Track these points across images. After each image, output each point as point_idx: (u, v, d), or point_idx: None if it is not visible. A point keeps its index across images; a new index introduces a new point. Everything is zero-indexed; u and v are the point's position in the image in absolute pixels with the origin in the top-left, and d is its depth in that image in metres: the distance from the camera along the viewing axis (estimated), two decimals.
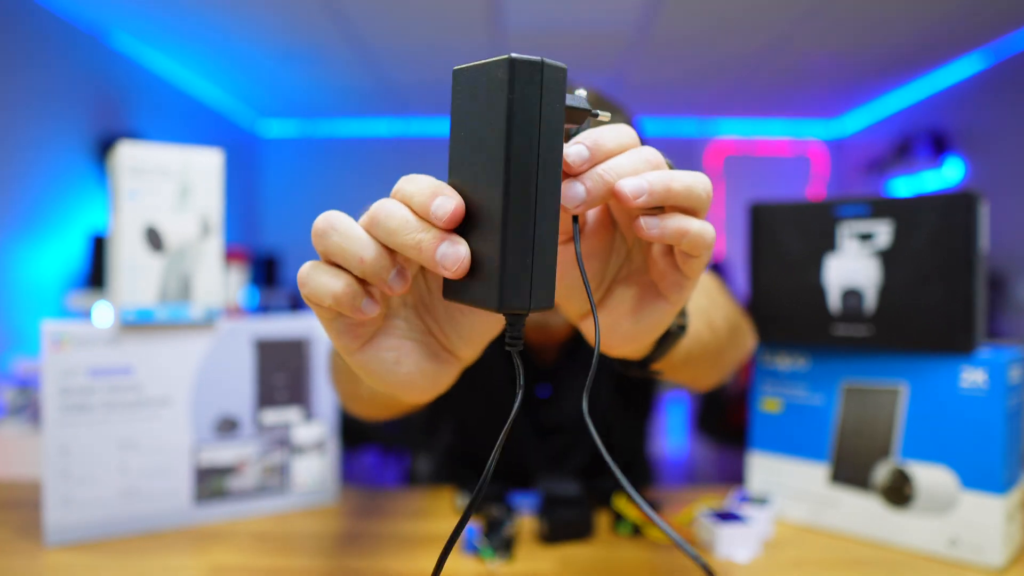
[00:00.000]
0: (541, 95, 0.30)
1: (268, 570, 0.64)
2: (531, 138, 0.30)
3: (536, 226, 0.31)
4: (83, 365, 0.70)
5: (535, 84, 0.30)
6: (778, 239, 0.76)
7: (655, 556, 0.67)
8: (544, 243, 0.31)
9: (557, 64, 0.30)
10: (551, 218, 0.31)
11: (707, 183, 0.35)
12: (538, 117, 0.30)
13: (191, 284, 0.75)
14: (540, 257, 0.31)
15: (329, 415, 0.85)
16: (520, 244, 0.30)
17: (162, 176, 0.73)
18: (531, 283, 0.31)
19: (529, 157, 0.30)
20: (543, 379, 0.98)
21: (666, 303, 0.39)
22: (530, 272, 0.31)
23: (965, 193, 0.64)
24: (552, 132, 0.30)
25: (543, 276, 0.31)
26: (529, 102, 0.30)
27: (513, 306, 0.31)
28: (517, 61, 0.29)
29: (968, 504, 0.64)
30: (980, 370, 0.64)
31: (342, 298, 0.33)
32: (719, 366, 0.66)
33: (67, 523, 0.69)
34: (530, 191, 0.30)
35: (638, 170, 0.34)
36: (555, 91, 0.30)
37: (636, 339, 0.41)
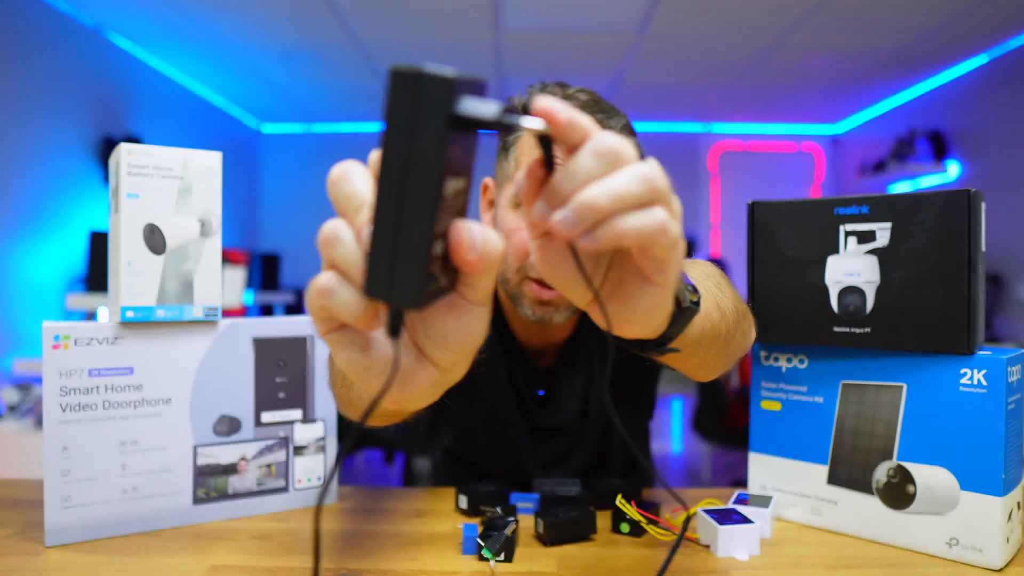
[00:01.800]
0: (417, 105, 0.31)
1: (268, 570, 0.64)
2: (400, 146, 0.31)
3: (401, 229, 0.32)
4: (83, 365, 0.70)
5: (410, 94, 0.31)
6: (777, 238, 0.76)
7: (655, 556, 0.67)
8: (409, 246, 0.32)
9: (439, 74, 0.31)
10: (418, 226, 0.32)
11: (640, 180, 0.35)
12: (410, 127, 0.31)
13: (191, 284, 0.75)
14: (403, 259, 0.32)
15: (329, 415, 0.85)
16: (383, 242, 0.32)
17: (162, 176, 0.73)
18: (392, 280, 0.33)
19: (397, 164, 0.32)
20: (541, 381, 0.98)
21: (653, 286, 0.40)
22: (391, 271, 0.33)
23: (965, 192, 0.64)
24: (427, 141, 0.31)
25: (405, 276, 0.32)
26: (403, 111, 0.31)
27: (374, 295, 0.33)
28: (393, 72, 0.31)
29: (968, 504, 0.64)
30: (980, 370, 0.64)
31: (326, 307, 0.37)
32: (727, 351, 0.66)
33: (67, 523, 0.69)
34: (395, 196, 0.32)
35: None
36: (436, 101, 0.31)
37: (638, 322, 0.42)
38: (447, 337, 0.38)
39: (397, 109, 0.32)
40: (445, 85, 0.31)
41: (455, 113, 0.32)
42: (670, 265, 0.39)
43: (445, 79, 0.31)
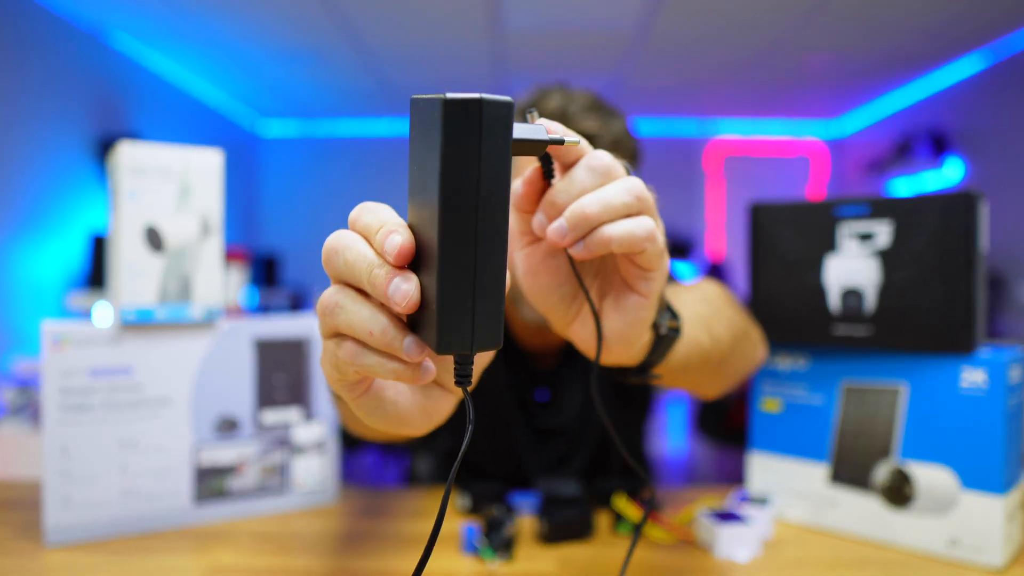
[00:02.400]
0: (481, 135, 0.29)
1: (268, 570, 0.64)
2: (469, 180, 0.29)
3: (477, 267, 0.30)
4: (83, 365, 0.70)
5: (473, 124, 0.29)
6: (778, 239, 0.76)
7: (655, 556, 0.67)
8: (487, 284, 0.30)
9: (500, 100, 0.29)
10: (496, 258, 0.30)
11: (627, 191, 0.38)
12: (477, 158, 0.29)
13: (191, 284, 0.75)
14: (483, 298, 0.30)
15: (329, 415, 0.85)
16: (460, 286, 0.30)
17: (162, 176, 0.73)
18: (473, 324, 0.30)
19: (467, 199, 0.29)
20: (542, 383, 0.98)
21: (639, 296, 0.41)
22: (471, 314, 0.30)
23: (965, 193, 0.64)
24: (494, 171, 0.30)
25: (487, 317, 0.30)
26: (466, 143, 0.29)
27: (452, 348, 0.30)
28: (449, 102, 0.29)
29: (968, 504, 0.64)
30: (980, 370, 0.64)
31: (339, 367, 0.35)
32: (722, 375, 0.67)
33: (67, 523, 0.69)
34: (469, 233, 0.29)
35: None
36: (498, 129, 0.29)
37: (623, 337, 0.43)
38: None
39: (457, 143, 0.29)
40: (506, 110, 0.29)
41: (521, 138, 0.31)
42: (655, 275, 0.40)
43: (506, 103, 0.30)
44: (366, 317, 0.32)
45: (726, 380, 0.68)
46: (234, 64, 3.72)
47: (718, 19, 3.07)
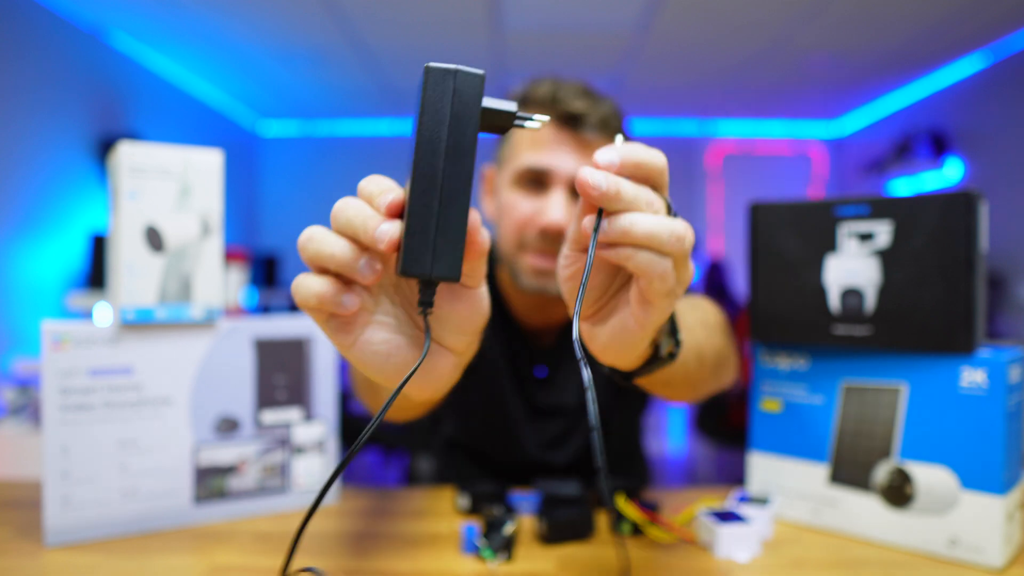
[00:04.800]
0: (453, 96, 0.36)
1: (268, 570, 0.64)
2: (438, 133, 0.36)
3: (441, 207, 0.36)
4: (83, 365, 0.70)
5: (448, 87, 0.36)
6: (778, 239, 0.76)
7: (655, 556, 0.67)
8: (450, 222, 0.36)
9: (473, 71, 0.36)
10: (458, 202, 0.36)
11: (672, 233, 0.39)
12: (447, 117, 0.35)
13: (191, 284, 0.75)
14: (444, 233, 0.36)
15: (329, 415, 0.85)
16: (423, 220, 0.36)
17: (162, 176, 0.73)
18: (433, 255, 0.36)
19: (436, 148, 0.35)
20: (540, 360, 0.98)
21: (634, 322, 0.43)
22: (432, 246, 0.36)
23: (965, 193, 0.64)
24: (462, 129, 0.36)
25: (446, 250, 0.36)
26: (440, 102, 0.36)
27: (412, 272, 0.36)
28: (430, 69, 0.35)
29: (968, 504, 0.64)
30: (980, 370, 0.64)
31: (325, 296, 0.37)
32: (696, 391, 0.73)
33: (67, 523, 0.69)
34: (436, 177, 0.35)
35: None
36: (469, 94, 0.36)
37: (612, 349, 0.45)
38: (460, 323, 0.42)
39: (434, 100, 0.36)
40: (477, 80, 0.36)
41: (483, 106, 0.37)
42: (654, 311, 0.42)
43: (477, 75, 0.36)
44: (332, 243, 0.37)
45: (696, 395, 0.74)
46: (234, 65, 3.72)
47: (718, 20, 3.07)
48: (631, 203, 0.39)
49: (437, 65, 0.35)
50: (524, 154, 0.86)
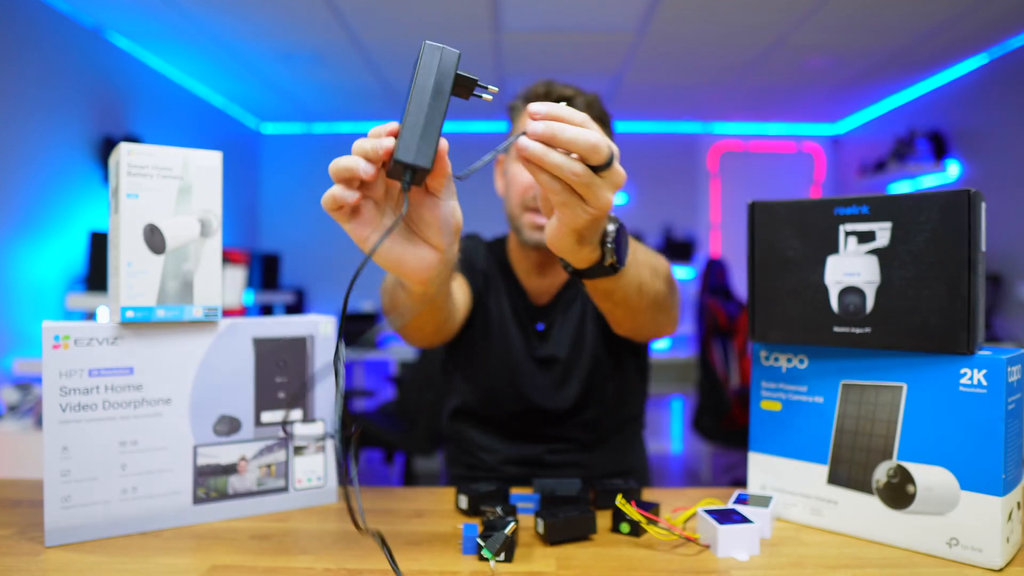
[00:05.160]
0: (439, 63, 0.55)
1: (268, 570, 0.64)
2: (427, 82, 0.54)
3: (424, 125, 0.54)
4: (83, 365, 0.70)
5: (435, 57, 0.55)
6: (777, 238, 0.76)
7: (655, 556, 0.67)
8: (428, 135, 0.54)
9: (453, 50, 0.55)
10: (435, 123, 0.54)
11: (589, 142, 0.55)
12: (435, 72, 0.55)
13: (191, 284, 0.75)
14: (424, 140, 0.54)
15: (329, 415, 0.85)
16: (411, 130, 0.54)
17: (162, 176, 0.73)
18: (415, 151, 0.54)
19: (423, 94, 0.54)
20: (539, 316, 1.16)
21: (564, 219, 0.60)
22: (415, 145, 0.54)
23: (965, 192, 0.64)
24: (441, 83, 0.55)
25: (424, 151, 0.54)
26: (430, 66, 0.55)
27: (400, 158, 0.54)
28: (426, 44, 0.55)
29: (968, 504, 0.64)
30: (980, 370, 0.64)
31: (336, 193, 0.56)
32: (634, 320, 0.87)
33: (67, 523, 0.69)
34: (422, 109, 0.54)
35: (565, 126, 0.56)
36: (447, 63, 0.55)
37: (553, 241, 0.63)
38: (437, 225, 0.59)
39: (428, 63, 0.55)
40: (455, 55, 0.55)
41: (459, 73, 0.56)
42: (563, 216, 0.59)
43: (455, 52, 0.55)
44: (347, 160, 0.55)
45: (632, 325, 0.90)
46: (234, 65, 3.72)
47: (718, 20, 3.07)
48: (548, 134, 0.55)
49: (431, 43, 0.55)
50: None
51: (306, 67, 3.80)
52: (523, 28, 3.22)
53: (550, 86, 1.08)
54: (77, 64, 3.11)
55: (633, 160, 5.06)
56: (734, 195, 5.22)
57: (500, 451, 1.15)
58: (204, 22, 3.14)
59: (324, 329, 0.85)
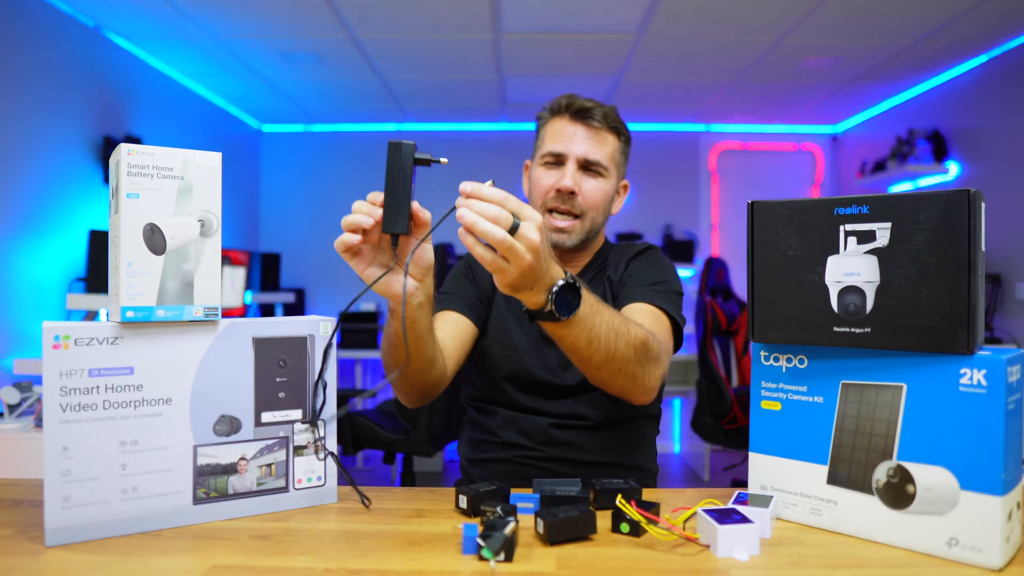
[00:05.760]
0: (400, 155, 0.80)
1: (268, 570, 0.64)
2: (397, 170, 0.80)
3: (397, 204, 0.80)
4: (83, 365, 0.70)
5: (398, 150, 0.80)
6: (777, 238, 0.76)
7: (655, 556, 0.67)
8: (402, 208, 0.80)
9: (409, 142, 0.80)
10: (406, 200, 0.80)
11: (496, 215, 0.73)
12: (399, 161, 0.80)
13: (191, 284, 0.75)
14: (399, 213, 0.80)
15: (329, 415, 0.85)
16: (390, 208, 0.80)
17: (162, 176, 0.73)
18: (392, 223, 0.80)
19: (395, 176, 0.80)
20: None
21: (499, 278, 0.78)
22: (394, 218, 0.80)
23: (965, 192, 0.64)
24: (404, 167, 0.80)
25: (400, 220, 0.80)
26: (394, 157, 0.80)
27: (386, 229, 0.80)
28: (390, 143, 0.80)
29: (968, 504, 0.64)
30: (980, 370, 0.64)
31: (345, 239, 0.82)
32: (587, 367, 0.91)
33: (67, 523, 0.69)
34: (395, 189, 0.80)
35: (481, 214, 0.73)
36: (406, 152, 0.80)
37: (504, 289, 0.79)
38: (415, 261, 0.85)
39: (393, 156, 0.80)
40: (411, 147, 0.80)
41: (416, 156, 0.81)
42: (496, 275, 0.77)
43: (411, 144, 0.80)
44: (353, 217, 0.81)
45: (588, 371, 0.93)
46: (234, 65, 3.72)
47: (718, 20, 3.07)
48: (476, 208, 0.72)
49: (392, 140, 0.79)
50: (548, 144, 1.19)
51: (306, 67, 3.80)
52: (523, 28, 3.22)
53: (572, 98, 1.19)
54: (78, 63, 3.11)
55: (633, 160, 5.05)
56: (734, 195, 5.22)
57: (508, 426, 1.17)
58: (204, 22, 3.14)
59: (324, 329, 0.85)
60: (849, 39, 3.32)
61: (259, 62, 3.72)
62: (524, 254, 0.73)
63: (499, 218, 0.72)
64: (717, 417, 3.22)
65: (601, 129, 1.17)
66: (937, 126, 3.91)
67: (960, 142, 3.76)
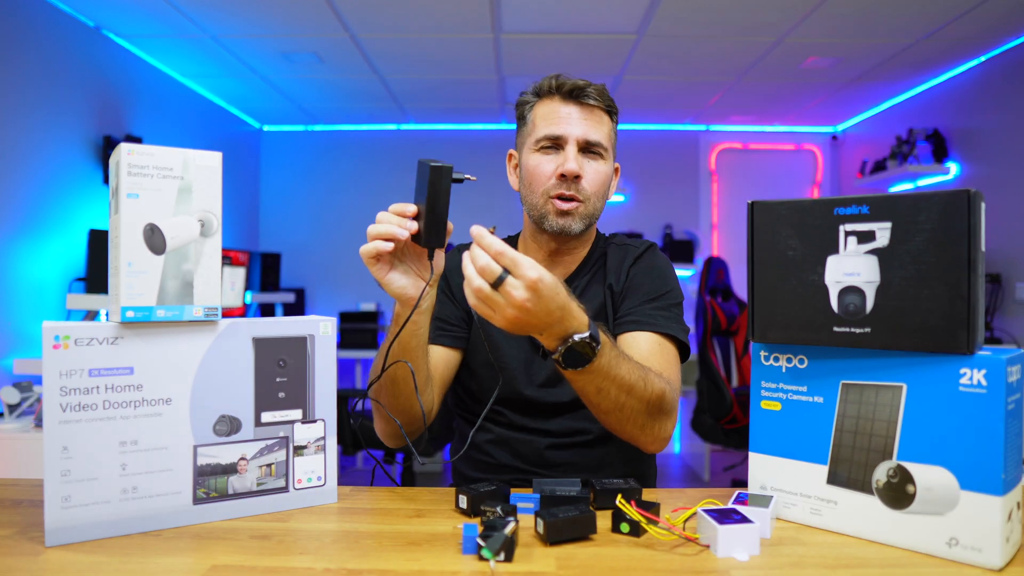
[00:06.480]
0: (440, 175, 0.83)
1: (268, 570, 0.64)
2: (435, 189, 0.84)
3: (435, 220, 0.84)
4: (83, 365, 0.70)
5: (439, 174, 0.83)
6: (777, 238, 0.76)
7: (655, 556, 0.67)
8: (440, 226, 0.85)
9: (445, 165, 0.83)
10: (440, 217, 0.85)
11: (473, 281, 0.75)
12: (440, 180, 0.83)
13: (191, 284, 0.75)
14: (437, 231, 0.85)
15: (329, 415, 0.85)
16: (428, 224, 0.85)
17: (162, 176, 0.73)
18: (435, 238, 0.85)
19: (432, 197, 0.84)
20: None
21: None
22: (433, 235, 0.85)
23: (965, 192, 0.64)
24: (446, 188, 0.84)
25: (438, 237, 0.85)
26: (435, 179, 0.83)
27: (426, 245, 0.86)
28: (430, 166, 0.83)
29: (968, 504, 0.64)
30: (980, 370, 0.64)
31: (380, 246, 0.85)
32: (598, 411, 0.89)
33: (67, 523, 0.69)
34: (432, 207, 0.84)
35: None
36: (445, 172, 0.83)
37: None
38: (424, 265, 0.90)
39: (434, 176, 0.83)
40: (450, 169, 0.84)
41: (453, 177, 0.84)
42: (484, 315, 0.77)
43: (450, 166, 0.84)
44: (383, 228, 0.85)
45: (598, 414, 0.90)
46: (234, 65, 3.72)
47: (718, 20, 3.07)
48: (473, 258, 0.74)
49: (431, 162, 0.83)
50: (542, 128, 1.11)
51: (306, 67, 3.80)
52: (523, 28, 3.22)
53: (562, 78, 1.11)
54: (78, 63, 3.11)
55: (633, 160, 5.05)
56: (734, 195, 5.22)
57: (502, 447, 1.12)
58: (204, 22, 3.14)
59: (324, 329, 0.85)
60: (849, 39, 3.32)
61: (259, 62, 3.72)
62: (505, 308, 0.74)
63: (485, 269, 0.73)
64: (717, 417, 3.22)
65: (597, 108, 1.11)
66: (937, 126, 3.91)
67: (960, 142, 3.76)
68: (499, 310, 0.75)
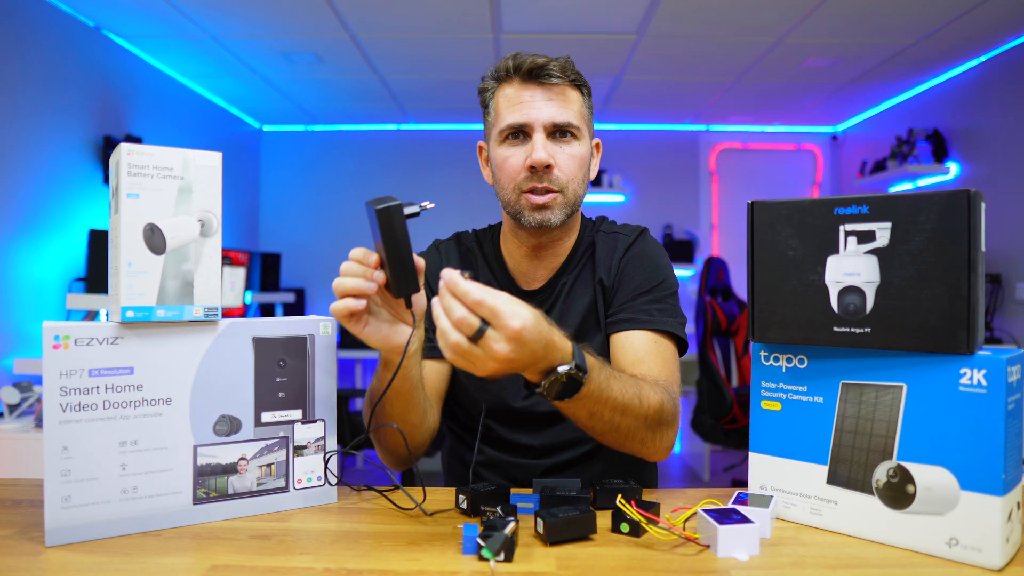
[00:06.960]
0: (392, 218, 0.75)
1: (268, 570, 0.64)
2: (389, 233, 0.75)
3: (402, 265, 0.76)
4: (83, 365, 0.70)
5: (388, 215, 0.75)
6: (777, 238, 0.76)
7: (655, 556, 0.67)
8: (407, 270, 0.76)
9: (395, 201, 0.75)
10: (407, 261, 0.76)
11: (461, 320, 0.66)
12: (392, 224, 0.75)
13: (191, 284, 0.75)
14: (406, 275, 0.76)
15: (329, 415, 0.85)
16: (395, 271, 0.76)
17: (162, 176, 0.73)
18: (405, 286, 0.77)
19: (392, 239, 0.75)
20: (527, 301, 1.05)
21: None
22: (404, 281, 0.77)
23: (965, 192, 0.64)
24: (398, 229, 0.75)
25: (407, 283, 0.77)
26: (385, 223, 0.75)
27: (399, 294, 0.77)
28: (375, 209, 0.75)
29: (967, 504, 0.64)
30: (980, 370, 0.64)
31: (349, 303, 0.77)
32: (627, 439, 0.86)
33: (67, 523, 0.69)
34: (396, 251, 0.76)
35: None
36: (397, 214, 0.75)
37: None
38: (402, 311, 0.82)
39: (383, 219, 0.75)
40: (399, 207, 0.75)
41: (405, 213, 0.76)
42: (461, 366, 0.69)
43: (398, 204, 0.75)
44: (348, 283, 0.77)
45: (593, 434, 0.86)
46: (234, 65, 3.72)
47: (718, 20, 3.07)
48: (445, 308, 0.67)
49: (378, 204, 0.75)
50: (505, 116, 1.00)
51: (306, 67, 3.80)
52: (523, 28, 3.22)
53: (519, 57, 1.00)
54: (78, 63, 3.11)
55: (633, 159, 5.05)
56: (734, 195, 5.22)
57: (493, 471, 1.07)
58: (204, 22, 3.14)
59: (324, 329, 0.85)
60: (849, 39, 3.32)
61: (259, 62, 3.72)
62: (487, 361, 0.67)
63: (462, 322, 0.65)
64: (717, 417, 3.22)
65: (562, 85, 0.99)
66: (937, 126, 3.91)
67: (960, 142, 3.76)
68: (479, 363, 0.67)
